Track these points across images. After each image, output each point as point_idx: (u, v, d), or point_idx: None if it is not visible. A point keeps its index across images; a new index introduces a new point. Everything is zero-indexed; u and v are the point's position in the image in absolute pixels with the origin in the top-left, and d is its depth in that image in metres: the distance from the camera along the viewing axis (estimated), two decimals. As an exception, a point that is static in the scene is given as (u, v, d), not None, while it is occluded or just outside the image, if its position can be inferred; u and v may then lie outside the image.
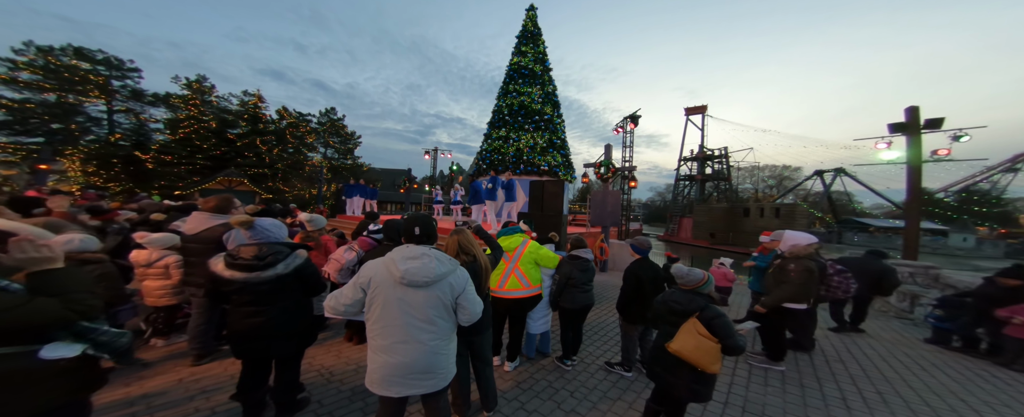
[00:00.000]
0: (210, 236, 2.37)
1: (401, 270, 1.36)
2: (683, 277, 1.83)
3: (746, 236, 24.48)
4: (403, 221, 1.65)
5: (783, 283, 2.85)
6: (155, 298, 2.80)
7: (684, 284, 1.83)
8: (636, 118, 8.98)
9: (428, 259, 1.42)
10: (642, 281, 2.47)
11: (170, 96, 22.00)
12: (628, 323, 2.64)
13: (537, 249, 2.62)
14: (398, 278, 1.36)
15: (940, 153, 6.92)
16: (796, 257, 2.91)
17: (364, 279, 1.42)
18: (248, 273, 1.70)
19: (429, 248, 1.49)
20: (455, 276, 1.46)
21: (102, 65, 20.57)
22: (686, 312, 1.73)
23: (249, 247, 1.77)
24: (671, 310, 1.79)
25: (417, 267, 1.38)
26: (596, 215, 8.16)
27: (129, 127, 21.74)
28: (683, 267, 1.92)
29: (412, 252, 1.44)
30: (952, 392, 2.64)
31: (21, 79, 17.85)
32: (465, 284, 1.49)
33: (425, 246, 1.50)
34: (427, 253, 1.44)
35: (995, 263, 20.88)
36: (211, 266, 1.76)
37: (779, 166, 47.23)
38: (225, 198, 2.55)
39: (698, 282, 1.79)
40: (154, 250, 2.78)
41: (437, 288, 1.41)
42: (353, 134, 30.51)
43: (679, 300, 1.79)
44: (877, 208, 43.13)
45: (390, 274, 1.38)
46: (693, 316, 1.69)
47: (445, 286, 1.42)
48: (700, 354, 1.60)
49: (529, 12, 13.13)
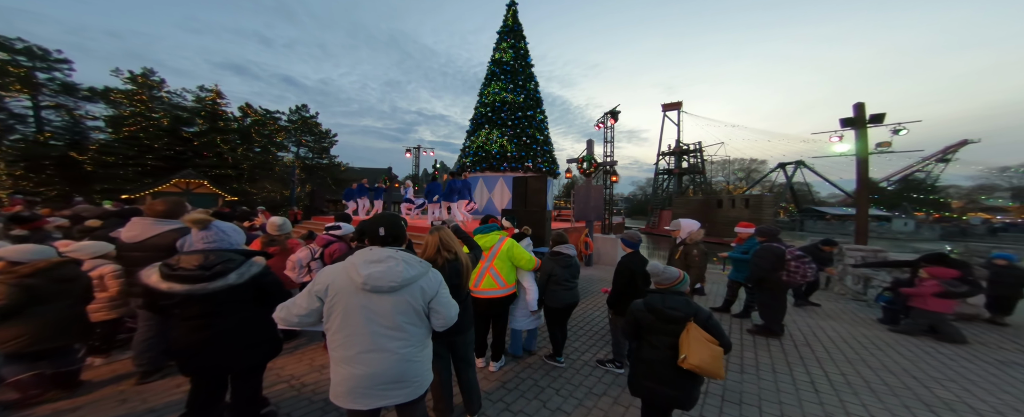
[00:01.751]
0: (159, 243, 2.11)
1: (363, 275, 1.24)
2: (658, 275, 1.74)
3: (721, 227, 25.85)
4: (369, 220, 1.52)
5: (691, 266, 3.10)
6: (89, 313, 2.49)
7: (659, 282, 1.72)
8: (616, 114, 9.12)
9: (394, 262, 1.30)
10: (635, 275, 2.47)
11: (111, 91, 19.80)
12: (619, 316, 2.63)
13: (512, 247, 2.54)
14: (359, 284, 1.24)
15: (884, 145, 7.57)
16: (695, 242, 3.18)
17: (320, 286, 1.27)
18: (191, 285, 1.50)
19: (395, 250, 1.37)
20: (426, 279, 1.35)
21: (22, 55, 18.06)
22: (684, 318, 1.57)
23: (192, 255, 1.56)
24: (668, 318, 1.61)
25: (381, 271, 1.26)
26: (580, 210, 8.24)
27: (61, 124, 19.35)
28: (658, 264, 1.83)
29: (375, 255, 1.31)
30: (905, 370, 2.86)
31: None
32: (438, 287, 1.38)
33: (391, 248, 1.38)
34: (393, 256, 1.32)
35: (932, 244, 23.42)
36: (143, 278, 1.55)
37: (747, 159, 50.18)
38: (175, 202, 2.28)
39: (675, 280, 1.69)
40: (86, 261, 2.46)
41: (406, 292, 1.29)
42: (328, 132, 29.01)
43: (676, 305, 1.62)
44: (832, 197, 46.87)
45: (350, 280, 1.26)
46: (690, 321, 1.56)
47: (415, 290, 1.31)
48: (716, 363, 1.48)
49: (510, 8, 12.95)
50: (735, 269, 4.34)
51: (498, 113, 11.84)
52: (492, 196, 11.93)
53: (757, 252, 3.59)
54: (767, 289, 3.51)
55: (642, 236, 2.72)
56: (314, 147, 28.42)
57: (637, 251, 2.62)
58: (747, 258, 4.07)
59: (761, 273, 3.45)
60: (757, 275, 3.49)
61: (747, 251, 4.10)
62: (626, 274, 2.51)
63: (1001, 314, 4.01)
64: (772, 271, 3.40)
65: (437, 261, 1.79)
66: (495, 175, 11.70)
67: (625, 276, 2.51)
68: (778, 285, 3.45)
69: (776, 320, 3.49)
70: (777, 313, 3.49)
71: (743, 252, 4.15)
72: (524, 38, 12.77)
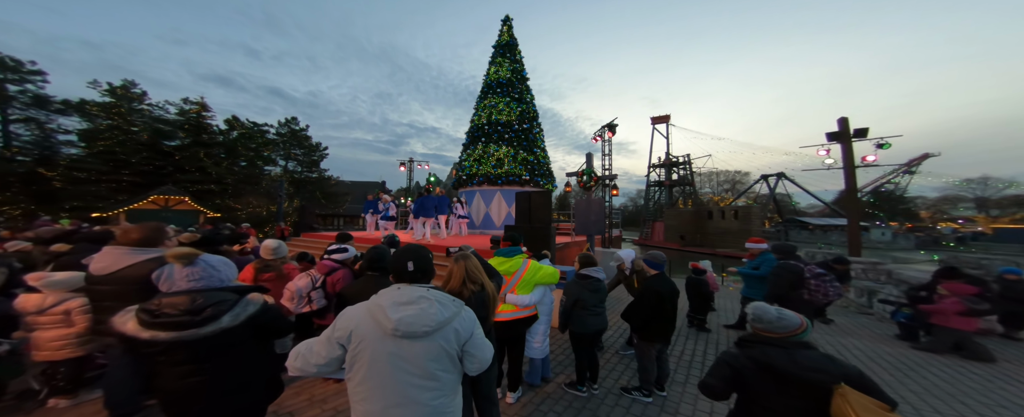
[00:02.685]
0: (132, 275, 1.83)
1: (393, 320, 1.07)
2: (771, 322, 1.27)
3: (712, 237, 26.33)
4: (393, 253, 1.33)
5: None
6: (51, 351, 2.18)
7: (771, 330, 1.27)
8: (614, 127, 9.23)
9: (426, 303, 1.14)
10: (662, 298, 2.31)
11: (86, 103, 18.99)
12: (646, 342, 2.45)
13: (537, 270, 2.38)
14: (390, 330, 1.07)
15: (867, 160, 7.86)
16: (641, 268, 3.10)
17: (342, 332, 1.10)
18: (177, 332, 1.26)
19: (427, 288, 1.21)
20: (460, 320, 1.19)
21: (-6, 66, 17.29)
22: (829, 381, 1.14)
23: (177, 297, 1.31)
24: (804, 381, 1.17)
25: (413, 315, 1.09)
26: (581, 224, 8.13)
27: (30, 139, 18.29)
28: (768, 308, 1.34)
29: (405, 295, 1.15)
30: (950, 394, 2.74)
31: None
32: (472, 328, 1.22)
33: (421, 286, 1.21)
34: (424, 295, 1.16)
35: (909, 254, 24.35)
36: (118, 326, 1.28)
37: (732, 171, 51.97)
38: (153, 228, 2.00)
39: (795, 328, 1.26)
40: (51, 293, 2.14)
41: (439, 336, 1.13)
42: (318, 145, 28.51)
43: (814, 365, 1.18)
44: (810, 207, 48.71)
45: (378, 325, 1.09)
46: (842, 386, 1.13)
47: (449, 333, 1.15)
48: None
49: (505, 23, 13.28)
50: (747, 285, 4.25)
51: (495, 127, 11.86)
52: (489, 210, 11.75)
53: (774, 270, 3.50)
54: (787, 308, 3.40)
55: (665, 257, 2.57)
56: (304, 160, 27.81)
57: (663, 273, 2.48)
58: (758, 274, 3.98)
59: (779, 292, 3.35)
60: (775, 294, 3.38)
61: (758, 267, 4.02)
62: (653, 298, 2.34)
63: (1015, 329, 4.00)
64: (791, 289, 3.30)
65: (463, 294, 1.61)
66: (492, 189, 11.57)
67: (651, 300, 2.34)
68: (799, 304, 3.35)
69: None
70: None
71: (754, 268, 4.07)
72: (520, 52, 13.03)
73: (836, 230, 33.57)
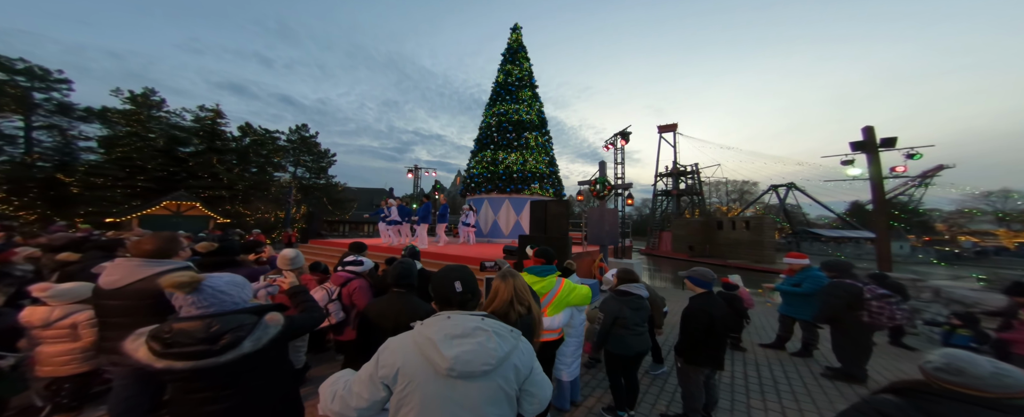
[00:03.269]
0: (143, 289, 1.70)
1: (449, 357, 0.91)
2: (979, 377, 0.93)
3: (723, 248, 25.70)
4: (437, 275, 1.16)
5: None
6: (55, 367, 2.06)
7: (977, 388, 0.93)
8: (627, 135, 9.12)
9: (483, 335, 0.97)
10: (714, 319, 2.11)
11: (108, 111, 19.57)
12: (693, 366, 2.23)
13: (571, 290, 2.20)
14: (444, 369, 0.91)
15: (898, 170, 7.57)
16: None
17: (388, 370, 0.94)
18: (195, 361, 1.13)
19: (481, 317, 1.04)
20: (519, 353, 1.02)
21: (21, 75, 17.93)
22: None
23: (190, 323, 1.17)
24: None
25: (471, 351, 0.93)
26: (594, 233, 7.93)
27: (51, 145, 18.83)
28: (974, 358, 0.99)
29: (458, 326, 0.98)
30: None
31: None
32: (532, 362, 1.05)
33: (475, 314, 1.04)
34: (480, 326, 0.99)
35: (929, 268, 23.44)
36: (130, 352, 1.15)
37: (739, 181, 51.33)
38: (166, 238, 1.88)
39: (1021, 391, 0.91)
40: (58, 306, 2.03)
41: (498, 375, 0.96)
42: (326, 152, 28.93)
43: None
44: (820, 219, 47.67)
45: (429, 363, 0.93)
46: None
47: (508, 370, 0.98)
48: None
49: (514, 31, 13.44)
50: (787, 303, 4.00)
51: (503, 134, 11.85)
52: (497, 219, 11.61)
53: (828, 289, 3.26)
54: (842, 330, 3.14)
55: (714, 274, 2.38)
56: (312, 167, 28.17)
57: (711, 292, 2.27)
58: (799, 291, 3.76)
59: (832, 312, 3.11)
60: (827, 314, 3.15)
61: (799, 284, 3.79)
62: (703, 320, 2.14)
63: None
64: (847, 310, 3.06)
65: (509, 317, 1.42)
66: (500, 197, 11.45)
67: (702, 322, 2.14)
68: (857, 326, 3.09)
69: (857, 364, 3.10)
70: (857, 356, 3.11)
71: (794, 284, 3.83)
72: (528, 59, 13.12)
73: (850, 242, 32.61)
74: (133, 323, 1.68)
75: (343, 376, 1.11)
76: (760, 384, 3.13)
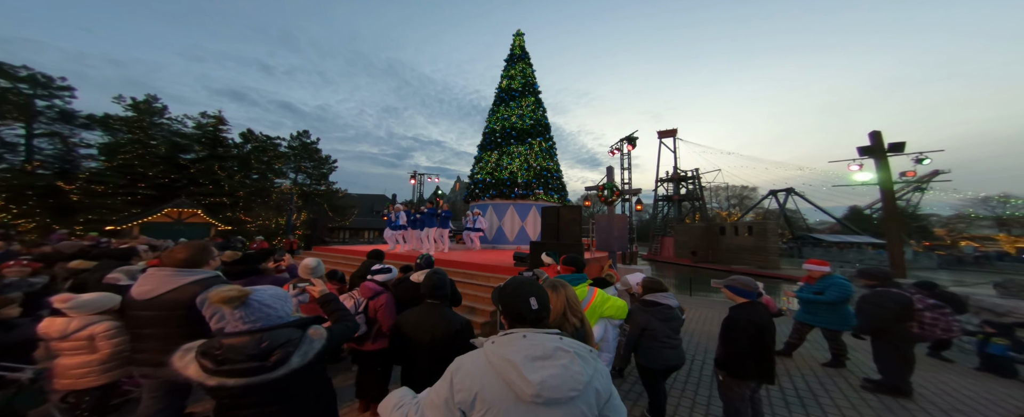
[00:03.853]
0: (176, 299, 1.65)
1: (535, 382, 0.83)
2: None
3: (726, 254, 25.61)
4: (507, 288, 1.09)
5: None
6: (73, 379, 1.97)
7: None
8: (634, 140, 9.15)
9: (566, 357, 0.90)
10: (763, 330, 2.03)
11: (110, 118, 19.57)
12: (737, 379, 2.14)
13: (605, 301, 2.15)
14: (529, 396, 0.83)
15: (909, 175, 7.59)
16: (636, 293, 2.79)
17: (465, 395, 0.88)
18: (247, 378, 1.09)
19: (559, 336, 0.97)
20: (599, 376, 0.95)
21: (25, 83, 17.96)
22: None
23: (239, 338, 1.14)
24: None
25: (557, 375, 0.86)
26: (602, 240, 7.88)
27: (52, 153, 18.75)
28: None
29: (538, 347, 0.91)
30: None
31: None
32: (610, 384, 0.98)
33: (552, 333, 0.97)
34: (561, 347, 0.92)
35: (933, 273, 23.39)
36: (180, 368, 1.11)
37: (739, 186, 51.59)
38: (199, 247, 1.84)
39: None
40: (76, 317, 1.95)
41: (581, 401, 0.88)
42: (328, 158, 28.93)
43: None
44: (820, 224, 47.75)
45: (510, 388, 0.86)
46: None
47: (590, 394, 0.90)
48: None
49: (517, 37, 13.61)
50: (805, 310, 3.92)
51: (507, 139, 11.88)
52: (502, 224, 11.55)
53: (873, 299, 3.10)
54: (888, 341, 3.02)
55: (757, 283, 2.29)
56: (313, 173, 28.12)
57: (755, 301, 2.18)
58: (822, 299, 3.69)
59: (880, 323, 2.98)
60: (874, 325, 3.01)
61: (821, 291, 3.73)
62: (751, 331, 2.04)
63: None
64: (896, 321, 2.94)
65: (565, 330, 1.37)
66: (505, 202, 11.42)
67: (750, 334, 2.04)
68: (905, 338, 2.99)
69: (901, 376, 2.98)
70: (902, 368, 2.98)
71: (816, 292, 3.76)
72: (531, 65, 13.24)
73: (852, 248, 32.58)
74: (167, 334, 1.63)
75: (404, 397, 1.05)
76: (799, 397, 3.02)
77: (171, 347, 1.62)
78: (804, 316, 3.93)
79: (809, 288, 3.87)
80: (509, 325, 1.04)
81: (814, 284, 3.84)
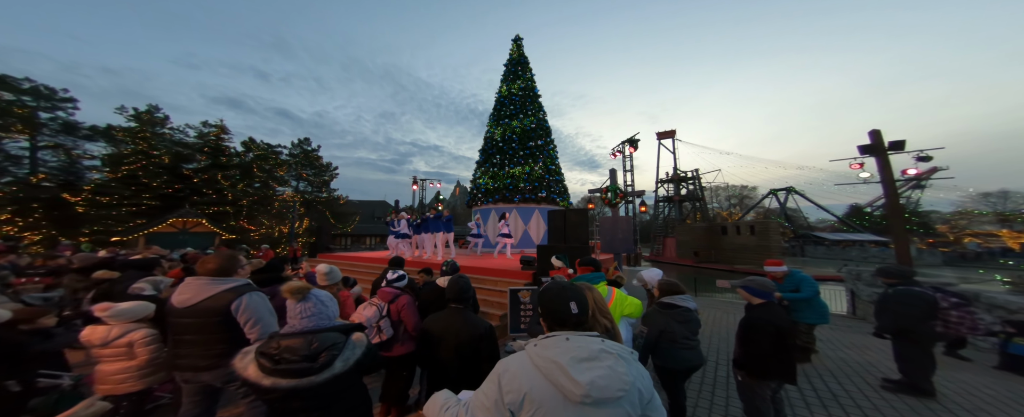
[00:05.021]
0: (212, 307, 1.72)
1: (583, 384, 0.87)
2: None
3: (727, 253, 25.58)
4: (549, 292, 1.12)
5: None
6: (113, 385, 2.02)
7: None
8: (635, 142, 9.24)
9: (610, 359, 0.93)
10: (782, 332, 2.05)
11: (114, 129, 19.74)
12: (758, 380, 2.17)
13: (623, 300, 2.17)
14: (578, 396, 0.86)
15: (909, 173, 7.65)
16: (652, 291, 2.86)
17: (514, 396, 0.90)
18: (298, 379, 1.16)
19: (601, 338, 1.00)
20: (641, 376, 0.98)
21: (28, 95, 18.15)
22: None
23: (294, 340, 1.22)
24: None
25: (604, 375, 0.89)
26: (606, 242, 7.93)
27: (57, 165, 18.88)
28: None
29: (583, 348, 0.94)
30: None
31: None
32: (651, 385, 1.01)
33: (594, 336, 1.01)
34: (605, 349, 0.96)
35: (938, 271, 23.31)
36: (239, 369, 1.16)
37: (739, 185, 51.70)
38: (228, 256, 1.91)
39: None
40: (116, 325, 2.01)
41: (627, 401, 0.91)
42: (329, 165, 29.09)
43: None
44: (821, 222, 47.78)
45: (558, 389, 0.89)
46: None
47: (634, 394, 0.93)
48: None
49: (515, 42, 13.78)
50: (795, 310, 3.81)
51: (508, 143, 11.99)
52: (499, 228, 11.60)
53: (898, 297, 3.06)
54: (911, 340, 2.99)
55: (773, 284, 2.28)
56: (314, 181, 28.24)
57: (772, 302, 2.19)
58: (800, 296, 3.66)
59: (905, 323, 2.94)
60: (900, 324, 2.97)
61: (797, 288, 3.71)
62: (770, 333, 2.06)
63: None
64: (922, 321, 2.92)
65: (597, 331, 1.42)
66: (507, 206, 11.49)
67: (768, 335, 2.06)
68: (929, 337, 2.95)
69: (924, 376, 2.96)
70: (926, 368, 2.95)
71: (792, 290, 3.73)
72: (530, 69, 13.39)
73: (855, 245, 32.52)
74: (204, 340, 1.70)
75: (449, 399, 1.09)
76: (819, 398, 3.01)
77: (209, 352, 1.69)
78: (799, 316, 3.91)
79: (785, 287, 3.81)
80: (549, 328, 1.07)
81: (783, 283, 3.80)
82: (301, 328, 1.26)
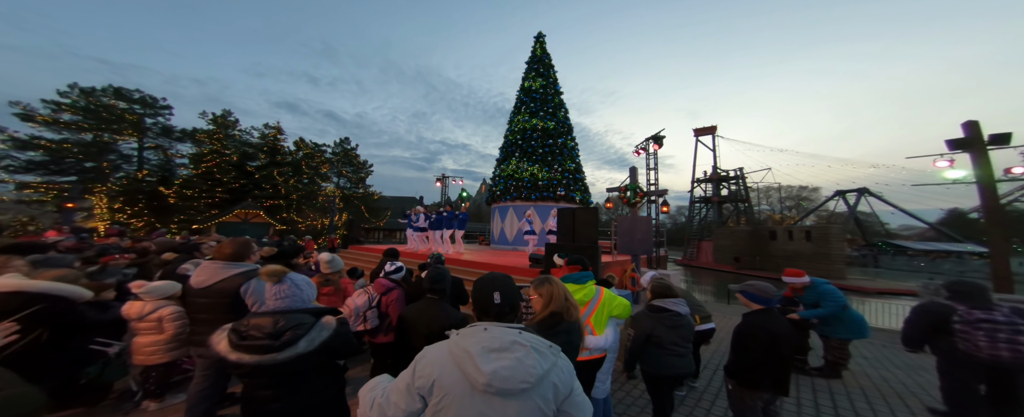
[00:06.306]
0: (224, 288, 2.01)
1: (486, 373, 0.88)
2: None
3: (774, 260, 23.04)
4: (476, 283, 1.16)
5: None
6: (145, 356, 2.43)
7: None
8: (660, 139, 8.72)
9: (522, 351, 0.93)
10: (779, 341, 1.89)
11: (197, 131, 23.20)
12: (748, 390, 2.01)
13: (611, 300, 2.09)
14: (481, 385, 0.88)
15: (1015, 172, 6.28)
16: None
17: (423, 381, 0.93)
18: (260, 356, 1.29)
19: (519, 331, 1.00)
20: (558, 371, 0.97)
21: (138, 104, 22.07)
22: None
23: (262, 318, 1.36)
24: None
25: (509, 366, 0.90)
26: (624, 242, 7.63)
27: (156, 163, 22.76)
28: None
29: (495, 339, 0.95)
30: None
31: (62, 120, 19.13)
32: (572, 381, 1.00)
33: (513, 327, 1.01)
34: (518, 340, 0.95)
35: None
36: (213, 344, 1.36)
37: (794, 186, 46.06)
38: (243, 243, 2.20)
39: None
40: (149, 301, 2.44)
41: (536, 393, 0.92)
42: (365, 163, 31.30)
43: None
44: (905, 229, 40.89)
45: (466, 378, 0.91)
46: None
47: (546, 389, 0.93)
48: None
49: (538, 40, 13.62)
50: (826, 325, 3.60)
51: (528, 141, 11.95)
52: (521, 226, 11.65)
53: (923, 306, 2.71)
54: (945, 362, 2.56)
55: (775, 289, 2.13)
56: (352, 177, 30.57)
57: (771, 309, 2.02)
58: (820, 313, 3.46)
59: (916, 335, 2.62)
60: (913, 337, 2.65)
61: (817, 303, 3.49)
62: (763, 340, 1.91)
63: None
64: (931, 335, 2.56)
65: (570, 315, 1.41)
66: (525, 204, 11.50)
67: (761, 343, 1.91)
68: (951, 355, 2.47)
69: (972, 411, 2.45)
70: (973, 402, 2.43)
71: (813, 304, 3.52)
72: (553, 67, 13.16)
73: (949, 257, 27.32)
74: (216, 319, 1.99)
75: (381, 382, 1.13)
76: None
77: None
78: (826, 330, 3.60)
79: (806, 299, 3.58)
80: (477, 317, 1.11)
81: (803, 295, 3.55)
82: (272, 308, 1.42)
